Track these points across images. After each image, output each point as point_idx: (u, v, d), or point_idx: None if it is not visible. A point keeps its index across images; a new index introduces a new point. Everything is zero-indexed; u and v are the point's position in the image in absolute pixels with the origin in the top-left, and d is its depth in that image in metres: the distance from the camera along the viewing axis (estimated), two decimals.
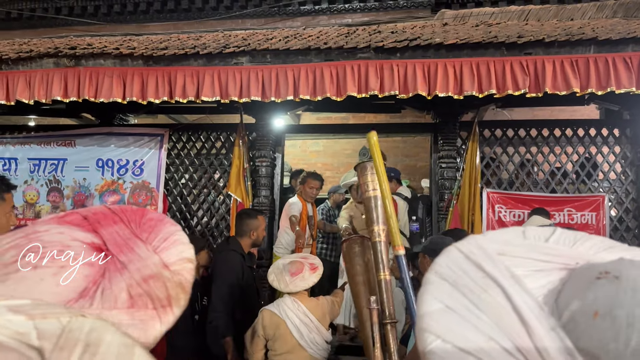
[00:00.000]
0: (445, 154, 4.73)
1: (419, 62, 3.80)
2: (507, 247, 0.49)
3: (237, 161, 4.87)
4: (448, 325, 0.44)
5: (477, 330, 0.43)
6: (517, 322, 0.42)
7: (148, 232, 0.66)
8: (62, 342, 0.32)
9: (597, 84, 3.64)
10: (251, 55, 4.02)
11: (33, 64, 4.35)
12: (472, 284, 0.46)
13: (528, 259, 0.48)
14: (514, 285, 0.45)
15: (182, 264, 0.63)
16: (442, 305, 0.45)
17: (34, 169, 5.27)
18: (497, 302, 0.44)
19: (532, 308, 0.43)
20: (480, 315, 0.44)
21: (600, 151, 4.70)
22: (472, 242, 0.50)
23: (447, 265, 0.48)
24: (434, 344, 0.43)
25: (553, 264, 0.48)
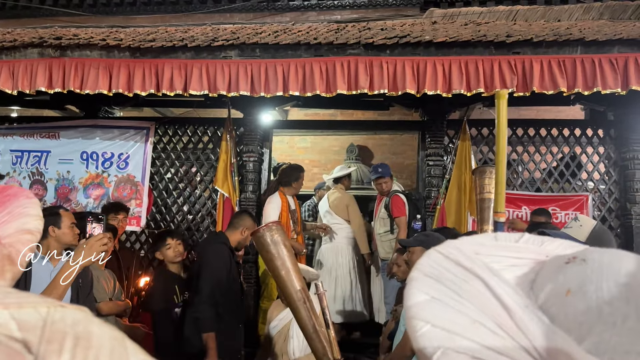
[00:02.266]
0: (433, 151, 4.75)
1: (409, 60, 3.81)
2: (481, 248, 0.52)
3: (224, 156, 4.84)
4: (435, 312, 0.46)
5: (462, 314, 0.45)
6: (498, 307, 0.45)
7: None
8: (48, 335, 0.30)
9: (584, 84, 3.69)
10: (240, 49, 3.99)
11: (17, 54, 4.26)
12: (454, 277, 0.49)
13: (502, 256, 0.51)
14: (492, 277, 0.48)
15: (17, 235, 0.62)
16: (427, 296, 0.48)
17: (17, 160, 5.18)
18: (478, 290, 0.47)
19: (511, 294, 0.46)
20: (464, 302, 0.46)
21: (584, 151, 4.76)
22: (449, 244, 0.53)
23: (429, 264, 0.51)
24: (424, 329, 0.46)
25: (525, 259, 0.51)
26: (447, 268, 0.50)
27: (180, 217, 5.15)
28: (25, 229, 0.62)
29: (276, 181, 4.92)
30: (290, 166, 5.05)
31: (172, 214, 5.15)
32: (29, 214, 0.64)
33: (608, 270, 0.43)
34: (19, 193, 0.69)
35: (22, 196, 0.68)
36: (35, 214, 0.65)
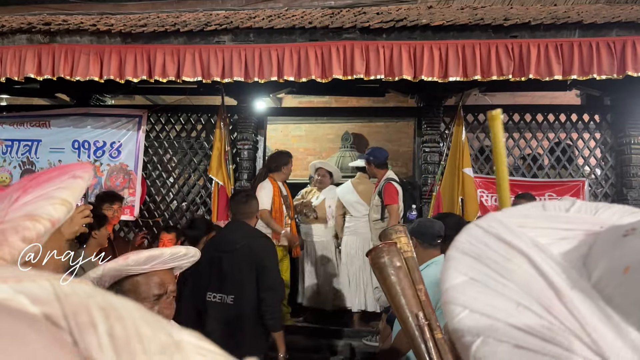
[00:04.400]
0: (429, 138, 4.72)
1: (405, 44, 3.76)
2: (527, 220, 0.47)
3: (218, 144, 4.77)
4: (474, 295, 0.42)
5: (504, 297, 0.41)
6: (545, 287, 0.41)
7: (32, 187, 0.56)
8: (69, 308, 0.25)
9: (580, 70, 3.67)
10: (234, 34, 3.93)
11: (5, 40, 4.17)
12: (495, 255, 0.44)
13: (550, 228, 0.47)
14: (538, 253, 0.43)
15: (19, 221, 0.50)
16: (466, 277, 0.44)
17: (7, 150, 5.09)
18: (523, 269, 0.42)
19: (559, 272, 0.41)
20: (506, 283, 0.42)
21: (581, 137, 4.75)
22: (490, 217, 0.49)
23: (468, 240, 0.47)
24: (462, 315, 0.42)
25: (577, 231, 0.46)
26: (488, 244, 0.45)
27: (174, 207, 5.09)
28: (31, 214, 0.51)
29: (265, 168, 4.82)
30: (278, 152, 4.98)
31: (166, 203, 5.09)
32: (53, 196, 0.53)
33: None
34: (69, 170, 0.58)
35: (67, 174, 0.58)
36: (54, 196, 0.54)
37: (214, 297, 2.97)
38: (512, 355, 0.38)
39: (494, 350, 0.39)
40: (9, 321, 0.22)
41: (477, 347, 0.39)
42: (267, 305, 2.93)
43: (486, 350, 0.39)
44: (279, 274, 3.14)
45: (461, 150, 4.57)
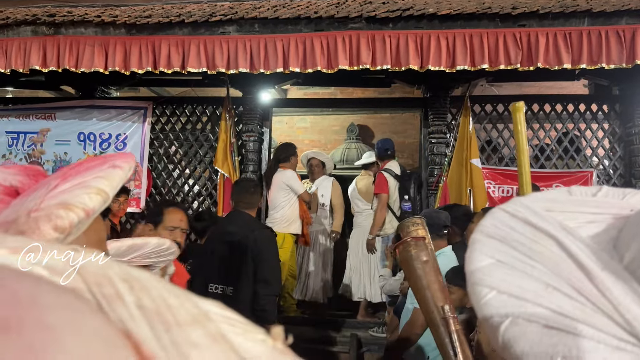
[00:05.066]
0: (436, 129, 4.69)
1: (412, 34, 3.73)
2: (554, 204, 0.47)
3: (223, 135, 4.76)
4: (501, 277, 0.42)
5: (532, 278, 0.40)
6: (575, 269, 0.40)
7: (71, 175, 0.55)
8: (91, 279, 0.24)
9: (589, 59, 3.63)
10: (239, 25, 3.90)
11: (10, 32, 4.16)
12: (522, 237, 0.44)
13: (578, 212, 0.46)
14: (567, 235, 0.42)
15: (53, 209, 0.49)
16: (492, 260, 0.43)
17: (12, 142, 5.10)
18: (551, 251, 0.42)
19: (589, 254, 0.41)
20: (534, 264, 0.41)
21: (589, 127, 4.70)
22: (516, 202, 0.48)
23: (493, 224, 0.46)
24: (489, 296, 0.41)
25: (605, 215, 0.45)
26: (514, 228, 0.44)
27: (180, 199, 5.09)
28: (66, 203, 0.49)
29: (274, 160, 4.86)
30: (285, 143, 5.03)
31: (171, 195, 5.09)
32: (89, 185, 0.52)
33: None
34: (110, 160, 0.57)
35: (107, 163, 0.56)
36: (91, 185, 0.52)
37: (216, 289, 2.96)
38: (542, 335, 0.37)
39: (524, 330, 0.38)
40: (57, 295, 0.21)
41: (505, 327, 0.39)
42: (260, 297, 2.90)
43: (515, 330, 0.38)
44: (277, 268, 3.09)
45: (468, 141, 4.55)
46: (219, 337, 0.24)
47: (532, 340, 0.37)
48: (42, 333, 0.18)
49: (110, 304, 0.22)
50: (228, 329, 0.25)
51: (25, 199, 0.52)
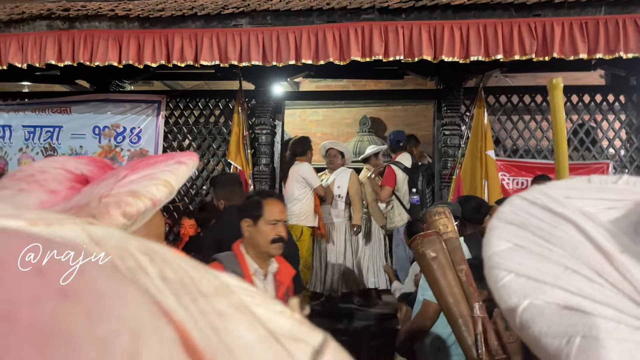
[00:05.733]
0: (449, 120, 4.66)
1: (425, 24, 3.70)
2: (573, 191, 0.46)
3: (236, 128, 4.78)
4: (519, 260, 0.42)
5: (550, 261, 0.40)
6: (594, 252, 0.40)
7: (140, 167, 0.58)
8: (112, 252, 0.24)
9: (606, 49, 3.58)
10: (251, 17, 3.90)
11: (25, 27, 4.21)
12: (541, 223, 0.43)
13: (598, 199, 0.45)
14: (586, 220, 0.42)
15: (122, 197, 0.52)
16: (510, 244, 0.43)
17: (29, 136, 5.17)
18: (570, 235, 0.42)
19: (609, 238, 0.40)
20: (553, 248, 0.41)
21: (605, 118, 4.64)
22: (535, 190, 0.48)
23: (511, 210, 0.46)
24: (507, 279, 0.41)
25: (626, 201, 0.45)
26: (533, 214, 0.44)
27: (193, 192, 5.13)
28: (134, 191, 0.52)
29: (291, 153, 4.90)
30: (300, 137, 5.05)
31: (185, 188, 5.13)
32: (157, 177, 0.55)
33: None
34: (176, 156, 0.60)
35: (173, 159, 0.59)
36: (159, 177, 0.55)
37: None
38: (561, 316, 0.37)
39: (542, 311, 0.38)
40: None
41: (524, 308, 0.39)
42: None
43: (534, 311, 0.39)
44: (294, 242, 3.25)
45: (483, 133, 4.51)
46: (243, 308, 0.25)
47: (551, 320, 0.37)
48: (96, 300, 0.19)
49: (135, 275, 0.23)
50: (249, 300, 0.26)
51: (96, 187, 0.55)
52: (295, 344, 0.25)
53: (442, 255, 1.06)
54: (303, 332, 0.26)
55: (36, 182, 0.56)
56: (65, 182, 0.58)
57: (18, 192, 0.55)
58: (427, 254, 1.06)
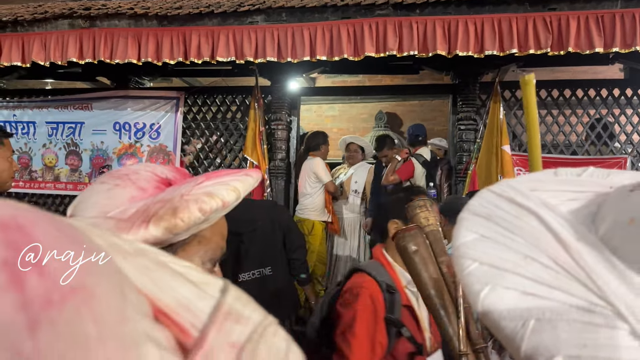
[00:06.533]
0: (465, 115, 4.65)
1: (439, 19, 3.70)
2: (539, 184, 0.49)
3: (252, 124, 4.84)
4: (484, 250, 0.44)
5: (512, 250, 0.43)
6: (553, 241, 0.43)
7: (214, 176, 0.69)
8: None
9: (622, 42, 3.54)
10: (266, 14, 3.95)
11: (48, 26, 4.33)
12: (505, 214, 0.46)
13: (561, 191, 0.48)
14: (547, 211, 0.45)
15: (199, 195, 0.63)
16: (476, 235, 0.46)
17: (52, 132, 5.31)
18: (532, 226, 0.44)
19: (567, 227, 0.43)
20: (515, 238, 0.44)
21: (623, 112, 4.59)
22: (503, 183, 0.51)
23: (479, 203, 0.49)
24: (471, 267, 0.44)
25: (587, 193, 0.48)
26: (499, 206, 0.47)
27: None
28: (210, 192, 0.63)
29: (305, 148, 4.94)
30: (315, 132, 5.08)
31: None
32: (228, 183, 0.65)
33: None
34: (245, 170, 0.72)
35: (242, 172, 0.71)
36: (230, 184, 0.65)
37: (253, 275, 3.06)
38: (519, 301, 0.40)
39: (502, 297, 0.41)
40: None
41: (485, 294, 0.42)
42: (301, 262, 3.17)
43: (494, 296, 0.41)
44: (301, 231, 3.39)
45: (499, 128, 4.49)
46: (162, 264, 0.32)
47: (509, 305, 0.40)
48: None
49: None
50: (165, 259, 0.33)
51: (178, 188, 0.67)
52: (207, 285, 0.32)
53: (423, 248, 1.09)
54: (209, 278, 0.33)
55: (129, 180, 0.68)
56: (153, 182, 0.69)
57: (113, 187, 0.67)
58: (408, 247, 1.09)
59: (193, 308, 0.30)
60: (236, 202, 0.67)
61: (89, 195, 0.68)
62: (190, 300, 0.30)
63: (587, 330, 0.37)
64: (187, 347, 0.28)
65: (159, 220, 0.59)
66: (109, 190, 0.66)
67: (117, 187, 0.66)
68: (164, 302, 0.29)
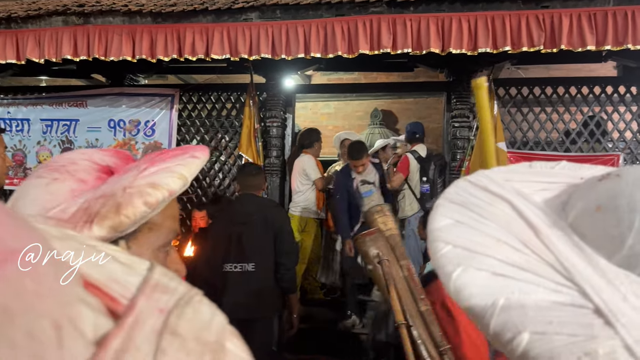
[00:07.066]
0: (459, 112, 4.67)
1: (433, 17, 3.72)
2: (513, 175, 0.51)
3: (247, 121, 4.84)
4: (457, 234, 0.46)
5: (485, 234, 0.45)
6: (524, 226, 0.44)
7: (158, 161, 0.64)
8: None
9: (614, 40, 3.57)
10: (261, 11, 3.96)
11: (42, 22, 4.32)
12: (480, 201, 0.48)
13: (534, 181, 0.50)
14: (520, 200, 0.47)
15: (143, 188, 0.59)
16: (451, 220, 0.47)
17: (47, 129, 5.30)
18: (504, 212, 0.46)
19: (538, 214, 0.45)
20: (488, 223, 0.45)
21: (616, 109, 4.61)
22: (479, 173, 0.52)
23: (455, 191, 0.51)
24: (445, 250, 0.45)
25: (559, 183, 0.50)
26: (474, 194, 0.49)
27: (206, 184, 5.22)
28: (154, 183, 0.60)
29: (298, 145, 4.95)
30: (309, 129, 5.09)
31: (199, 180, 5.22)
32: (173, 170, 0.62)
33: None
34: (189, 150, 0.68)
35: (187, 153, 0.67)
36: (178, 172, 0.62)
37: (235, 267, 3.06)
38: (490, 281, 0.42)
39: (473, 277, 0.42)
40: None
41: (457, 275, 0.43)
42: (287, 269, 3.08)
43: (466, 277, 0.42)
44: (295, 239, 3.30)
45: (493, 125, 4.51)
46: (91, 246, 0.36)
47: (480, 284, 0.42)
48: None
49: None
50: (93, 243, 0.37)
51: (120, 178, 0.63)
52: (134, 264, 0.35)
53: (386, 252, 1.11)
54: (134, 259, 0.36)
55: (67, 172, 0.64)
56: (93, 172, 0.65)
57: (52, 181, 0.63)
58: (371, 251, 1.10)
59: (122, 281, 0.32)
60: (184, 188, 0.64)
61: (26, 191, 0.64)
62: (119, 275, 0.33)
63: (553, 309, 0.38)
64: (118, 314, 0.30)
65: (102, 220, 0.56)
66: (48, 185, 0.63)
67: (55, 182, 0.63)
68: (95, 277, 0.32)
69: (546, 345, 0.36)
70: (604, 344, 0.35)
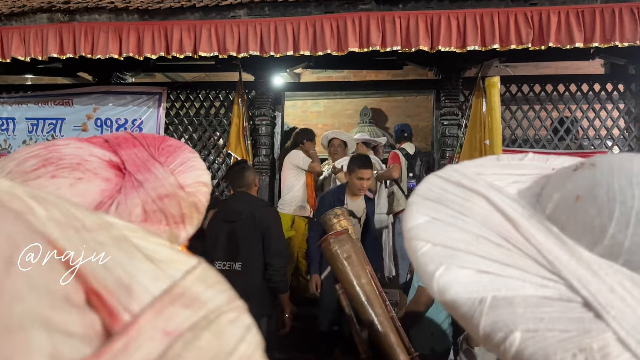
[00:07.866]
0: (448, 110, 4.68)
1: (422, 14, 3.72)
2: (483, 169, 0.50)
3: (236, 119, 4.81)
4: (436, 231, 0.45)
5: (464, 231, 0.44)
6: (503, 220, 0.43)
7: (166, 156, 0.67)
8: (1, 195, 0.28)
9: (602, 37, 3.59)
10: (249, 8, 3.93)
11: (27, 20, 4.26)
12: (454, 197, 0.47)
13: (505, 174, 0.50)
14: (495, 193, 0.46)
15: (197, 186, 0.64)
16: (427, 217, 0.46)
17: (32, 128, 5.23)
18: (481, 207, 0.45)
19: (515, 207, 0.44)
20: (466, 219, 0.45)
21: (604, 107, 4.65)
22: (448, 168, 0.52)
23: (427, 187, 0.50)
24: (424, 249, 0.44)
25: (529, 175, 0.49)
26: (447, 189, 0.48)
27: None
28: (201, 181, 0.64)
29: (292, 144, 4.92)
30: (302, 128, 5.06)
31: None
32: (199, 167, 0.66)
33: (619, 170, 0.41)
34: (181, 146, 0.71)
35: (186, 150, 0.70)
36: (204, 168, 0.67)
37: (224, 265, 3.04)
38: (475, 279, 0.40)
39: (457, 275, 0.41)
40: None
41: (440, 274, 0.42)
42: (275, 269, 3.03)
43: (449, 276, 0.41)
44: (284, 239, 3.26)
45: (482, 123, 4.52)
46: (122, 239, 0.29)
47: (465, 283, 0.40)
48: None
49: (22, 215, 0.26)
50: (130, 234, 0.30)
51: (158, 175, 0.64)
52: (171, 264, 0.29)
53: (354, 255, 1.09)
54: (179, 257, 0.30)
55: (89, 170, 0.61)
56: (110, 170, 0.63)
57: (76, 181, 0.59)
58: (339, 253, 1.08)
59: (137, 288, 0.26)
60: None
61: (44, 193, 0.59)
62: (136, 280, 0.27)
63: (542, 305, 0.37)
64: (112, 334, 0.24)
65: (190, 220, 0.62)
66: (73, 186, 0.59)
67: (81, 182, 0.59)
68: (102, 282, 0.26)
69: (539, 343, 0.36)
70: (598, 338, 0.34)
